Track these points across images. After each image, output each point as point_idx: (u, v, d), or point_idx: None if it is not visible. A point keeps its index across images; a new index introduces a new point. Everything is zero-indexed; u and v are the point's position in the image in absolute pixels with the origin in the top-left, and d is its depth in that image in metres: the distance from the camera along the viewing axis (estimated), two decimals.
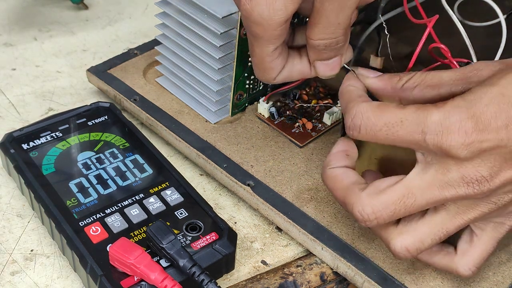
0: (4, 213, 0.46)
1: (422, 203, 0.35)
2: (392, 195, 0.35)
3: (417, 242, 0.37)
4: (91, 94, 0.57)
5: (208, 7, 0.47)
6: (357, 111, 0.36)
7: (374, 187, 0.36)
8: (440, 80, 0.37)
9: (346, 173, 0.39)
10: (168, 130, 0.50)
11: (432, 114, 0.34)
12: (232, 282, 0.42)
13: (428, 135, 0.34)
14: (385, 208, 0.35)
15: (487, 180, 0.33)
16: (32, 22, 0.67)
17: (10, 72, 0.60)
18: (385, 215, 0.36)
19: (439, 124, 0.33)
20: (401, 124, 0.34)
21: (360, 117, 0.36)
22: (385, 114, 0.35)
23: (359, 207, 0.36)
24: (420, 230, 0.36)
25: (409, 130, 0.34)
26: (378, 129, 0.35)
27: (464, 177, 0.33)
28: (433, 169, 0.34)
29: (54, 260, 0.43)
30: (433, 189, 0.34)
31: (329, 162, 0.40)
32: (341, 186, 0.38)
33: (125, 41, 0.65)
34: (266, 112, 0.51)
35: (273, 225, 0.46)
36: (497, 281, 0.41)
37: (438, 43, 0.42)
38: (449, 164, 0.34)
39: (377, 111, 0.35)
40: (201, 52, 0.50)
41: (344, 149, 0.40)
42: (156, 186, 0.44)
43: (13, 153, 0.45)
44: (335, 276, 0.43)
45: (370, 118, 0.35)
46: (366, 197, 0.36)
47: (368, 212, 0.36)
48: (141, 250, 0.38)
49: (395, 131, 0.35)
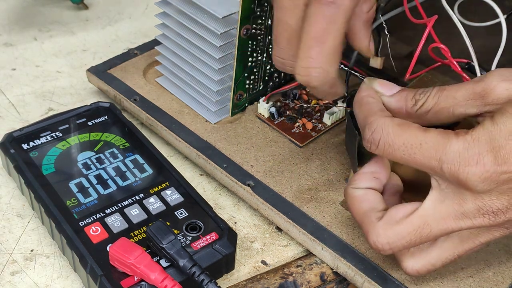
0: (4, 213, 0.46)
1: (437, 234, 0.35)
2: (407, 226, 0.35)
3: (428, 265, 0.37)
4: (91, 94, 0.57)
5: (208, 7, 0.47)
6: (378, 126, 0.35)
7: (389, 217, 0.36)
8: (454, 101, 0.36)
9: (366, 195, 0.38)
10: (168, 130, 0.50)
11: (452, 143, 0.33)
12: (232, 282, 0.42)
13: (445, 164, 0.33)
14: (400, 239, 0.36)
15: (503, 212, 0.33)
16: (32, 22, 0.67)
17: (10, 72, 0.60)
18: (400, 246, 0.36)
19: (457, 155, 0.33)
20: (420, 147, 0.34)
21: (380, 133, 0.35)
22: (406, 134, 0.35)
23: (374, 237, 0.36)
24: (432, 255, 0.37)
25: (427, 155, 0.34)
26: (396, 148, 0.35)
27: (480, 209, 0.33)
28: (449, 199, 0.34)
29: (54, 260, 0.43)
30: (449, 220, 0.34)
31: (354, 181, 0.39)
32: (359, 210, 0.38)
33: (125, 41, 0.65)
34: (266, 112, 0.51)
35: (273, 225, 0.46)
36: (497, 281, 0.41)
37: (438, 43, 0.42)
38: (465, 195, 0.33)
39: (398, 130, 0.35)
40: (201, 52, 0.50)
41: (374, 170, 0.39)
42: (156, 186, 0.44)
43: (13, 153, 0.45)
44: (335, 276, 0.43)
45: (390, 135, 0.35)
46: (382, 227, 0.36)
47: (382, 243, 0.36)
48: (141, 250, 0.38)
49: (412, 153, 0.34)
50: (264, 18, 0.48)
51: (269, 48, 0.51)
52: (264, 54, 0.51)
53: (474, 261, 0.42)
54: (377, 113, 0.37)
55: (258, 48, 0.50)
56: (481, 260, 0.42)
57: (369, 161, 0.40)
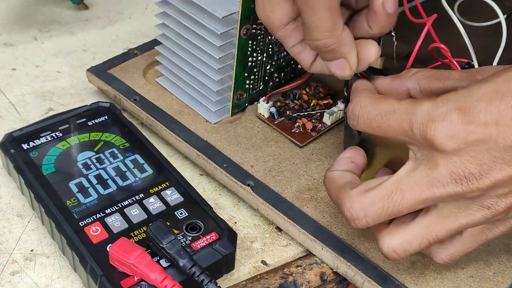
0: (4, 213, 0.46)
1: (411, 201, 0.34)
2: (380, 191, 0.35)
3: (405, 244, 0.36)
4: (91, 94, 0.57)
5: (208, 7, 0.47)
6: (357, 101, 0.37)
7: (364, 185, 0.36)
8: (448, 75, 0.37)
9: (343, 174, 0.39)
10: (168, 130, 0.50)
11: (422, 105, 0.34)
12: (232, 282, 0.42)
13: (415, 124, 0.34)
14: (373, 204, 0.35)
15: (475, 177, 0.33)
16: (32, 22, 0.67)
17: (10, 72, 0.60)
18: (373, 212, 0.35)
19: (426, 114, 0.33)
20: (393, 113, 0.35)
21: (359, 107, 0.37)
22: (381, 104, 0.36)
23: (347, 204, 0.36)
24: (409, 231, 0.36)
25: (399, 120, 0.35)
26: (372, 118, 0.36)
27: (452, 172, 0.33)
28: (422, 165, 0.34)
29: (54, 260, 0.43)
30: (422, 185, 0.34)
31: (331, 166, 0.40)
32: (335, 186, 0.38)
33: (125, 41, 0.65)
34: (266, 112, 0.51)
35: (273, 225, 0.46)
36: (497, 281, 0.41)
37: (438, 43, 0.42)
38: (437, 158, 0.33)
39: (375, 101, 0.36)
40: (201, 52, 0.50)
41: (350, 155, 0.40)
42: (156, 186, 0.44)
43: (13, 153, 0.45)
44: (335, 276, 0.43)
45: (367, 107, 0.36)
46: (355, 194, 0.36)
47: (356, 209, 0.36)
48: (141, 250, 0.38)
49: (386, 119, 0.35)
50: None
51: (269, 48, 0.51)
52: (264, 54, 0.51)
53: (474, 261, 0.42)
54: (360, 92, 0.38)
55: (258, 48, 0.50)
56: (481, 260, 0.42)
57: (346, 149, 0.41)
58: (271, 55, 0.51)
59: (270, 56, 0.51)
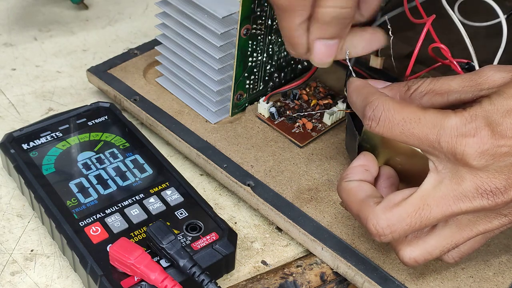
0: (4, 213, 0.46)
1: (438, 216, 0.34)
2: (407, 208, 0.35)
3: (426, 254, 0.36)
4: (91, 94, 0.57)
5: (208, 7, 0.47)
6: (379, 103, 0.36)
7: (388, 200, 0.36)
8: (449, 87, 0.36)
9: (361, 186, 0.38)
10: (168, 130, 0.50)
11: (450, 118, 0.33)
12: (232, 282, 0.42)
13: (443, 138, 0.33)
14: (400, 221, 0.35)
15: (501, 192, 0.33)
16: (32, 22, 0.67)
17: (10, 72, 0.60)
18: (400, 229, 0.35)
19: (455, 129, 0.33)
20: (418, 122, 0.34)
21: (382, 109, 0.35)
22: (406, 110, 0.35)
23: (373, 220, 0.36)
24: (429, 243, 0.36)
25: (425, 130, 0.34)
26: (396, 123, 0.35)
27: (478, 187, 0.33)
28: (447, 179, 0.34)
29: (54, 260, 0.43)
30: (448, 200, 0.34)
31: (346, 175, 0.39)
32: (355, 200, 0.38)
33: (125, 41, 0.65)
34: (266, 112, 0.51)
35: (273, 225, 0.46)
36: (497, 281, 0.41)
37: (438, 43, 0.42)
38: (463, 173, 0.33)
39: (398, 106, 0.35)
40: (201, 52, 0.50)
41: (364, 163, 0.40)
42: (156, 186, 0.44)
43: (13, 153, 0.45)
44: (335, 276, 0.43)
45: (390, 110, 0.35)
46: (381, 210, 0.35)
47: (383, 226, 0.35)
48: (141, 250, 0.38)
49: (411, 127, 0.34)
50: (264, 18, 0.48)
51: (269, 48, 0.51)
52: (264, 54, 0.51)
53: (474, 261, 0.42)
54: (377, 93, 0.37)
55: (258, 48, 0.50)
56: (481, 260, 0.42)
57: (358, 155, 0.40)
58: (271, 55, 0.51)
59: (270, 56, 0.51)
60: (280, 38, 0.51)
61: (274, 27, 0.50)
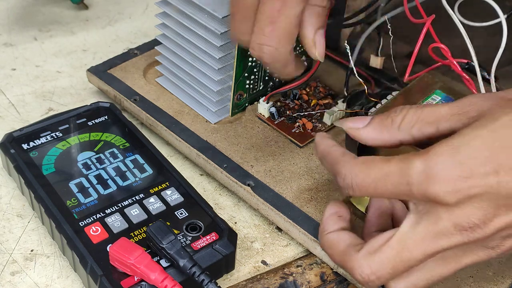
0: (4, 213, 0.46)
1: (419, 257, 0.34)
2: (387, 252, 0.35)
3: (410, 286, 0.36)
4: (91, 94, 0.57)
5: (208, 7, 0.47)
6: (345, 172, 0.36)
7: (369, 246, 0.36)
8: (438, 116, 0.35)
9: (340, 236, 0.38)
10: (168, 130, 0.50)
11: (415, 165, 0.33)
12: (232, 282, 0.42)
13: (414, 187, 0.33)
14: (383, 266, 0.35)
15: (480, 227, 0.32)
16: (32, 22, 0.67)
17: (10, 72, 0.60)
18: (385, 273, 0.35)
19: (421, 173, 0.32)
20: (387, 177, 0.34)
21: (350, 177, 0.35)
22: (372, 170, 0.35)
23: (358, 270, 0.36)
24: (415, 276, 0.36)
25: (396, 183, 0.33)
26: (368, 186, 0.35)
27: (456, 224, 0.33)
28: (424, 219, 0.34)
29: (54, 260, 0.43)
30: (427, 240, 0.34)
31: (323, 228, 0.40)
32: (337, 252, 0.38)
33: (125, 41, 0.65)
34: (266, 112, 0.51)
35: (273, 225, 0.46)
36: (497, 281, 0.41)
37: (438, 43, 0.42)
38: (440, 212, 0.33)
39: (364, 168, 0.35)
40: (201, 52, 0.50)
41: (335, 211, 0.40)
42: (156, 186, 0.44)
43: (13, 153, 0.45)
44: (335, 276, 0.43)
45: (358, 176, 0.35)
46: (363, 258, 0.36)
47: (368, 273, 0.35)
48: (141, 250, 0.38)
49: (383, 185, 0.34)
50: None
51: None
52: None
53: None
54: (340, 159, 0.37)
55: None
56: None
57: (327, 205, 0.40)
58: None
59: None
60: None
61: None
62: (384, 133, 0.37)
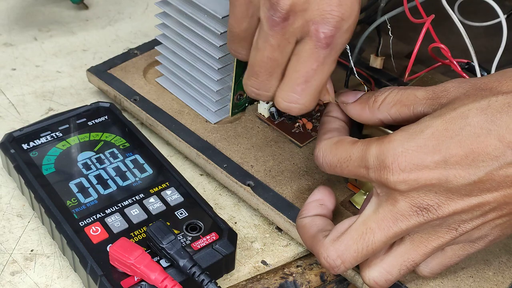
0: (4, 213, 0.46)
1: (382, 238, 0.35)
2: (351, 234, 0.35)
3: (385, 274, 0.36)
4: (91, 94, 0.57)
5: (208, 7, 0.47)
6: (318, 149, 0.38)
7: (336, 231, 0.37)
8: (415, 99, 0.36)
9: (314, 221, 0.39)
10: (168, 130, 0.50)
11: (371, 149, 0.34)
12: (232, 282, 0.42)
13: (370, 171, 0.34)
14: (348, 249, 0.35)
15: (434, 208, 0.33)
16: (32, 22, 0.67)
17: (10, 72, 0.60)
18: (350, 257, 0.36)
19: (376, 159, 0.34)
20: (349, 160, 0.35)
21: (321, 154, 0.38)
22: (339, 150, 0.36)
23: (323, 253, 0.36)
24: (387, 262, 0.36)
25: (356, 166, 0.35)
26: (334, 165, 0.37)
27: (412, 206, 0.33)
28: (383, 202, 0.34)
29: (54, 260, 0.43)
30: (388, 221, 0.34)
31: (301, 213, 0.40)
32: (308, 235, 0.39)
33: (125, 41, 0.65)
34: (266, 112, 0.51)
35: (273, 225, 0.46)
36: (497, 281, 0.41)
37: (438, 43, 0.42)
38: (395, 195, 0.34)
39: (333, 148, 0.37)
40: (201, 52, 0.50)
41: (319, 198, 0.41)
42: (156, 186, 0.44)
43: (13, 153, 0.45)
44: (335, 276, 0.43)
45: (327, 155, 0.37)
46: (329, 242, 0.36)
47: (333, 258, 0.36)
48: (141, 250, 0.38)
49: (346, 166, 0.36)
50: None
51: None
52: None
53: (474, 261, 0.42)
54: (321, 138, 0.39)
55: None
56: (481, 260, 0.42)
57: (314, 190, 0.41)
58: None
59: None
60: None
61: None
62: (365, 111, 0.39)
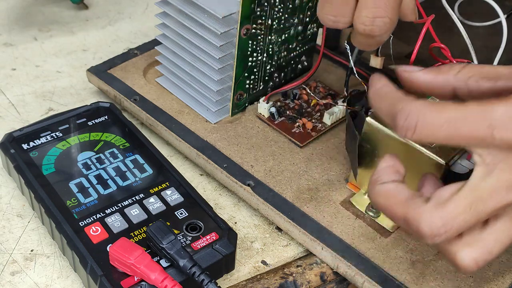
0: (4, 213, 0.46)
1: (492, 208, 0.32)
2: (461, 202, 0.32)
3: (486, 253, 0.34)
4: (91, 94, 0.57)
5: (208, 7, 0.47)
6: (411, 110, 0.32)
7: (437, 197, 0.33)
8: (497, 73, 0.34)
9: (399, 188, 0.35)
10: (168, 130, 0.50)
11: (500, 107, 0.31)
12: (232, 282, 0.42)
13: (496, 130, 0.31)
14: (456, 218, 0.32)
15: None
16: (32, 22, 0.67)
17: (10, 72, 0.60)
18: (457, 226, 0.33)
19: (507, 117, 0.31)
20: (465, 120, 0.32)
21: (416, 116, 0.32)
22: (445, 110, 0.32)
23: (427, 221, 0.33)
24: (487, 240, 0.34)
25: (475, 126, 0.31)
26: (438, 127, 0.32)
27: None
28: (498, 170, 0.32)
29: (54, 260, 0.43)
30: (502, 190, 0.32)
31: (378, 178, 0.36)
32: (398, 201, 0.34)
33: (125, 41, 0.65)
34: (266, 112, 0.51)
35: (273, 225, 0.46)
36: (497, 281, 0.41)
37: (438, 43, 0.42)
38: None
39: (434, 109, 0.32)
40: (201, 52, 0.50)
41: (392, 164, 0.36)
42: (156, 186, 0.44)
43: (13, 153, 0.45)
44: (335, 276, 0.43)
45: (426, 115, 0.32)
46: (433, 209, 0.33)
47: (438, 225, 0.33)
48: (141, 250, 0.38)
49: (458, 127, 0.32)
50: (264, 18, 0.48)
51: (269, 48, 0.51)
52: (264, 54, 0.51)
53: None
54: (405, 98, 0.33)
55: (258, 48, 0.50)
56: None
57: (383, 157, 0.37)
58: (271, 55, 0.51)
59: (270, 56, 0.51)
60: (280, 38, 0.51)
61: (274, 27, 0.50)
62: (439, 76, 0.36)
